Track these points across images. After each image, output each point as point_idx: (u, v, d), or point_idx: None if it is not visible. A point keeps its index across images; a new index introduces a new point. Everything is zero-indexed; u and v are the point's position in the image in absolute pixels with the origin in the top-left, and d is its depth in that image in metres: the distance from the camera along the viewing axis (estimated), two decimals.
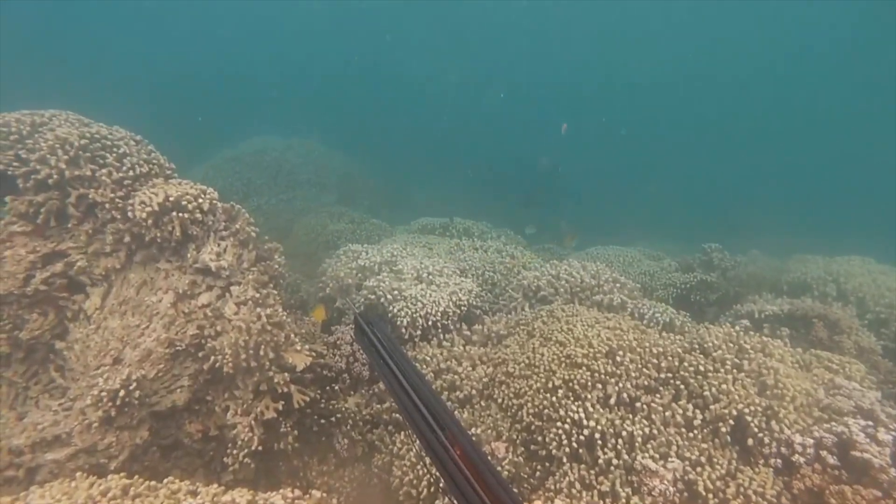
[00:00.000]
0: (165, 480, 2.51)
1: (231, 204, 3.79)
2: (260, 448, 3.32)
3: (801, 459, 2.82)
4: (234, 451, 3.32)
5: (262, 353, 3.39)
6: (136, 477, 2.51)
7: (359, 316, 1.80)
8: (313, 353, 3.88)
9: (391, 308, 4.44)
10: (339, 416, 3.86)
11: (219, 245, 3.59)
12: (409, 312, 4.33)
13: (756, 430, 2.96)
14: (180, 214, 3.38)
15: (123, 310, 3.44)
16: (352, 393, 4.09)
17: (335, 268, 5.03)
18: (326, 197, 10.69)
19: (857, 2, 25.73)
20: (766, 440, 2.93)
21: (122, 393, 3.07)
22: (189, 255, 3.50)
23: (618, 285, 4.78)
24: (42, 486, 2.29)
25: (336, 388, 4.04)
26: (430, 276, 4.81)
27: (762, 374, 3.22)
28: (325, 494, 2.79)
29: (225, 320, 3.49)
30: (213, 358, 3.35)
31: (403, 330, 4.35)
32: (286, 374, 3.48)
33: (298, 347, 3.59)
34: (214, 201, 3.57)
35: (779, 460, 2.88)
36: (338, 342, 4.24)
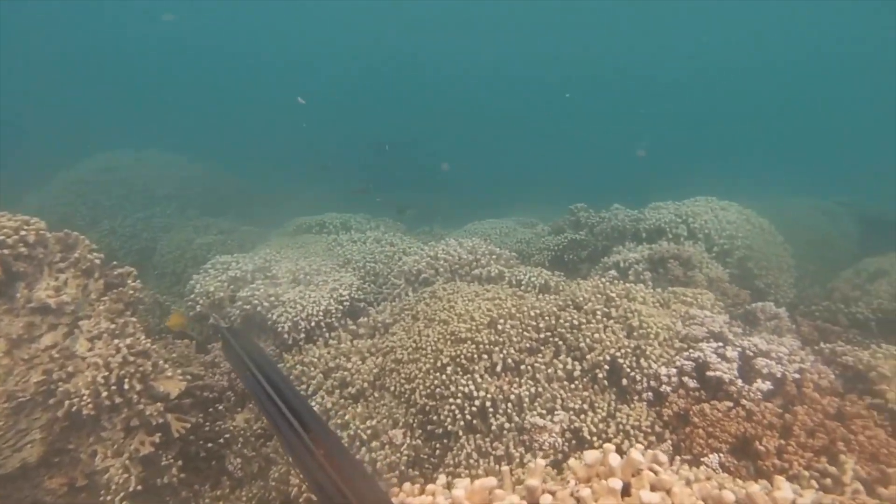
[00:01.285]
0: None
1: (66, 232, 3.40)
2: (139, 488, 3.05)
3: (668, 388, 3.08)
4: (109, 497, 3.02)
5: (126, 386, 3.10)
6: None
7: (224, 330, 1.71)
8: (189, 377, 3.63)
9: (270, 315, 4.26)
10: (227, 436, 3.65)
11: (56, 279, 3.21)
12: (290, 317, 4.18)
13: (628, 370, 3.21)
14: (1, 251, 2.97)
15: None
16: (239, 410, 3.88)
17: (204, 283, 4.71)
18: (191, 210, 9.98)
19: None
20: (638, 377, 3.18)
21: None
22: (20, 295, 3.09)
23: (494, 257, 4.95)
24: None
25: (220, 407, 3.80)
26: (308, 277, 4.67)
27: (628, 318, 3.50)
28: None
29: (78, 359, 3.15)
30: (67, 402, 3.01)
31: (286, 336, 4.19)
32: (159, 404, 3.22)
33: (170, 374, 3.32)
34: (42, 231, 3.18)
35: (650, 393, 3.13)
36: (216, 360, 3.99)
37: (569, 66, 37.02)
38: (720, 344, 3.23)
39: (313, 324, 4.26)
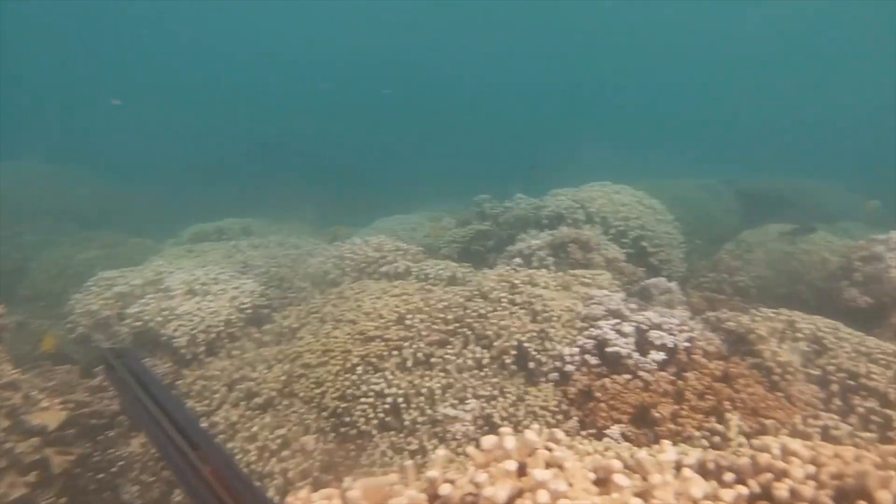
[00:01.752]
0: None
1: None
2: None
3: (572, 367, 3.19)
4: None
5: None
6: None
7: (105, 352, 1.54)
8: (72, 405, 3.30)
9: (164, 331, 3.98)
10: (121, 463, 3.35)
11: None
12: (187, 330, 3.93)
13: (534, 353, 3.29)
14: None
15: None
16: (134, 434, 3.58)
17: (86, 302, 4.31)
18: (70, 225, 9.11)
19: None
20: (544, 360, 3.27)
21: None
22: None
23: (401, 253, 4.93)
24: None
25: (112, 434, 3.49)
26: (205, 286, 4.41)
27: (532, 304, 3.60)
28: None
29: None
30: None
31: (184, 350, 3.93)
32: (35, 440, 2.90)
33: (46, 404, 3.01)
34: None
35: (556, 374, 3.22)
36: (103, 384, 3.66)
37: (463, 59, 37.86)
38: (618, 321, 3.38)
39: (213, 335, 4.03)
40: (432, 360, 3.38)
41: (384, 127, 31.75)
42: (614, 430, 2.64)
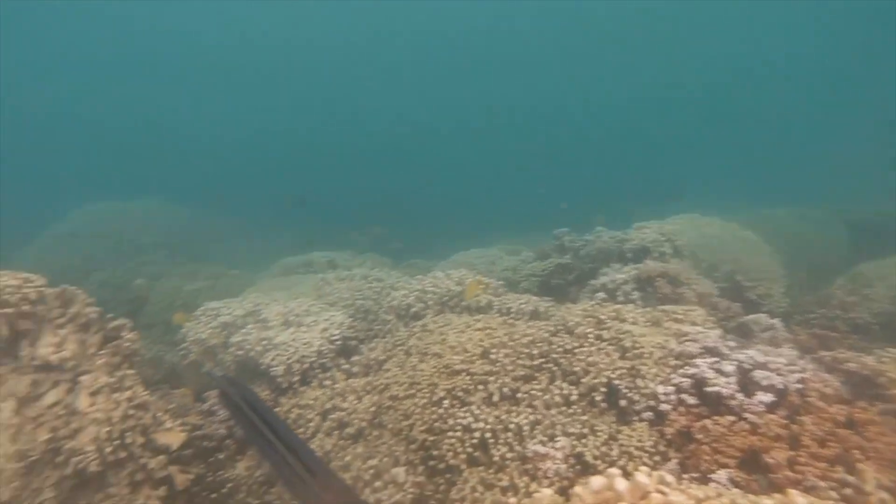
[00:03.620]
0: None
1: (63, 288, 3.48)
2: None
3: (668, 406, 3.13)
4: None
5: (129, 440, 3.16)
6: None
7: (220, 380, 1.80)
8: (188, 427, 3.69)
9: (263, 360, 4.34)
10: (230, 485, 3.68)
11: (56, 335, 3.28)
12: (283, 360, 4.27)
13: (625, 390, 3.28)
14: (4, 311, 3.05)
15: None
16: (239, 458, 3.92)
17: (196, 330, 4.79)
18: (179, 256, 10.04)
19: None
20: (636, 398, 3.24)
21: None
22: (24, 353, 3.16)
23: (481, 286, 5.10)
24: None
25: (221, 457, 3.85)
26: (298, 318, 4.77)
27: (621, 339, 3.62)
28: None
29: (80, 415, 3.20)
30: (74, 460, 3.05)
31: (281, 379, 4.27)
32: (161, 457, 3.27)
33: (169, 425, 3.39)
34: (42, 288, 3.26)
35: (650, 413, 3.19)
36: (213, 408, 4.04)
37: (546, 94, 37.97)
38: (716, 359, 3.29)
39: (307, 365, 4.34)
40: (518, 395, 3.48)
41: (464, 162, 32.43)
42: (721, 474, 2.55)
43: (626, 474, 1.42)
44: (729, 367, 3.17)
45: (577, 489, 1.42)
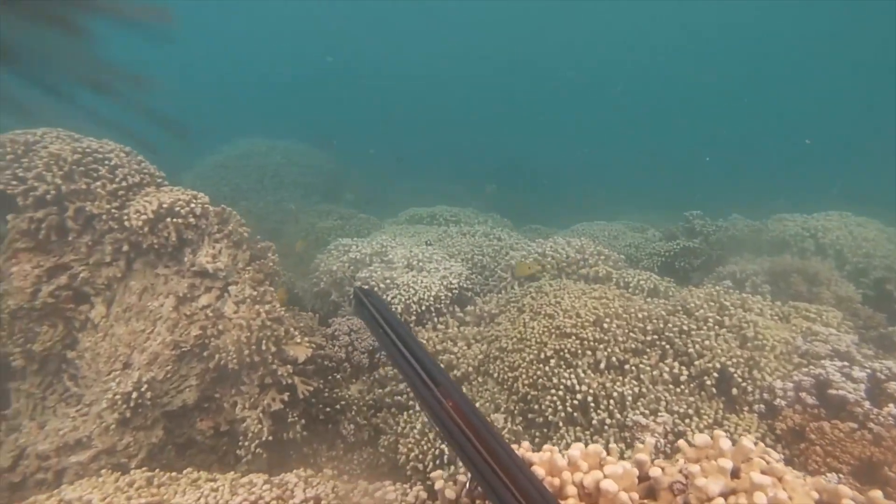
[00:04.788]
0: (185, 471, 2.66)
1: (222, 207, 3.91)
2: (270, 438, 3.47)
3: (783, 402, 2.98)
4: (246, 444, 3.46)
5: (263, 347, 3.54)
6: (157, 470, 2.66)
7: (357, 290, 1.92)
8: (313, 345, 4.03)
9: (385, 296, 4.59)
10: (343, 403, 4.01)
11: (213, 247, 3.71)
12: (403, 299, 4.49)
13: (739, 380, 3.14)
14: (174, 220, 3.50)
15: (128, 316, 3.57)
16: (353, 381, 4.24)
17: (327, 262, 5.16)
18: (313, 196, 10.79)
19: None
20: (750, 388, 3.11)
21: (134, 395, 3.21)
22: (186, 259, 3.63)
23: (602, 257, 4.96)
24: (72, 484, 2.43)
25: (338, 377, 4.19)
26: (420, 263, 4.96)
27: (742, 328, 3.41)
28: (335, 473, 2.95)
29: (226, 319, 3.63)
30: (217, 356, 3.49)
31: (399, 315, 4.50)
32: (289, 367, 3.63)
33: (298, 340, 3.73)
34: (206, 205, 3.69)
35: (762, 405, 3.05)
36: (336, 333, 4.38)
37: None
38: (845, 363, 3.07)
39: (424, 307, 4.53)
40: (626, 366, 3.41)
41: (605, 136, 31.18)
42: (830, 477, 2.43)
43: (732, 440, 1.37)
44: (860, 373, 2.92)
45: (681, 442, 1.41)
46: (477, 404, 3.53)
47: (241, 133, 12.56)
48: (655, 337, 3.56)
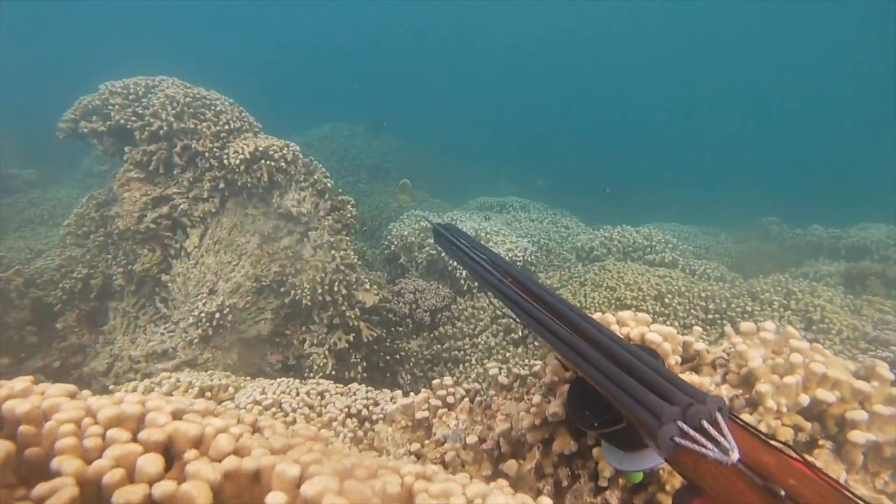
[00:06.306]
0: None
1: (310, 158, 4.20)
2: (333, 373, 3.69)
3: None
4: (311, 375, 3.70)
5: (335, 289, 3.78)
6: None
7: (437, 225, 2.06)
8: (380, 296, 4.24)
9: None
10: (402, 354, 4.19)
11: (299, 194, 3.99)
12: None
13: None
14: (268, 162, 3.80)
15: (217, 248, 3.90)
16: (414, 336, 4.42)
17: (399, 229, 5.38)
18: (389, 180, 11.14)
19: None
20: None
21: (217, 315, 3.52)
22: (274, 202, 3.92)
23: (670, 246, 4.90)
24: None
25: (400, 330, 4.38)
26: (488, 236, 5.09)
27: (809, 312, 3.32)
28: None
29: (303, 261, 3.90)
30: (293, 292, 3.76)
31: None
32: (356, 310, 3.85)
33: (368, 287, 3.95)
34: (297, 153, 3.98)
35: None
36: (401, 291, 4.58)
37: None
38: None
39: None
40: None
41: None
42: None
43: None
44: None
45: (727, 328, 1.45)
46: (530, 362, 3.60)
47: (326, 117, 13.20)
48: (717, 316, 3.51)
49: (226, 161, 3.78)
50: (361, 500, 0.76)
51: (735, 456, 0.72)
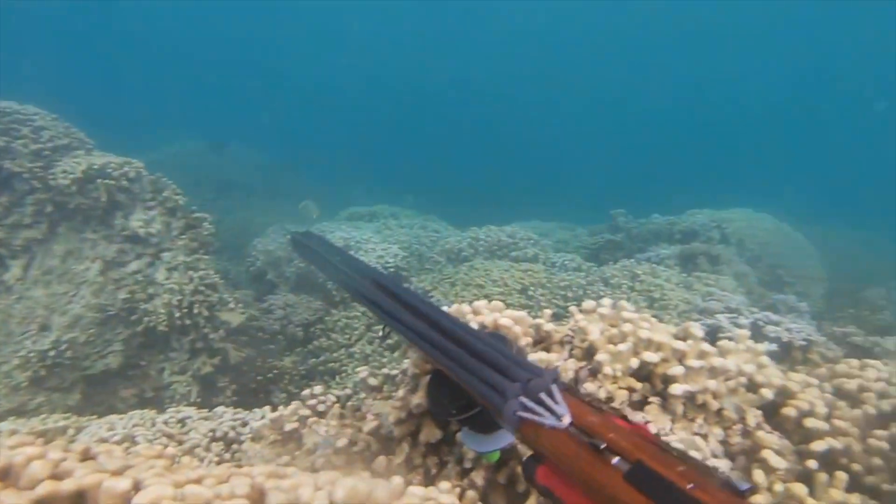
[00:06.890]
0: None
1: (158, 175, 3.89)
2: (199, 400, 3.44)
3: None
4: (172, 406, 3.41)
5: (196, 311, 3.53)
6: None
7: (294, 234, 2.02)
8: (247, 314, 4.04)
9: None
10: (275, 372, 4.01)
11: (147, 213, 3.69)
12: None
13: None
14: (106, 182, 3.46)
15: (48, 279, 3.48)
16: (287, 353, 4.25)
17: (264, 243, 5.17)
18: (254, 198, 10.65)
19: None
20: None
21: (51, 353, 3.13)
22: (117, 223, 3.58)
23: (531, 241, 5.22)
24: None
25: (272, 347, 4.19)
26: (358, 244, 5.06)
27: (650, 291, 3.71)
28: None
29: (157, 285, 3.60)
30: (146, 319, 3.45)
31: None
32: (221, 332, 3.63)
33: (233, 306, 3.74)
34: (141, 170, 3.68)
35: None
36: (271, 307, 4.39)
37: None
38: (734, 315, 3.40)
39: None
40: None
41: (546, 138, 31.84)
42: None
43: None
44: (745, 321, 3.26)
45: (572, 308, 1.59)
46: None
47: (175, 134, 12.33)
48: (575, 302, 3.77)
49: (52, 182, 3.38)
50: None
51: (567, 420, 0.80)
